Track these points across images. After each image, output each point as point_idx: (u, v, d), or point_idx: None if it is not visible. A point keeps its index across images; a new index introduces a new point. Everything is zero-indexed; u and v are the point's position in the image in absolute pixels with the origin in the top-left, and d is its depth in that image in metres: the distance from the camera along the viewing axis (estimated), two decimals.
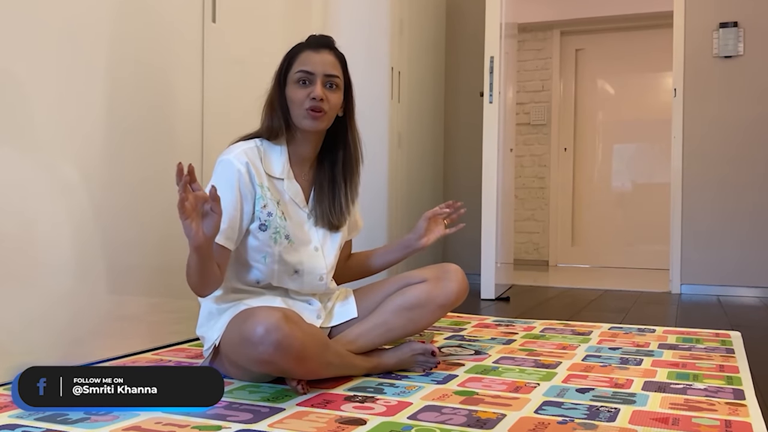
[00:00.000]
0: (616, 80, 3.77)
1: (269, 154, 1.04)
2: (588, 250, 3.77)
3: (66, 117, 1.09)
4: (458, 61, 2.92)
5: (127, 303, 1.22)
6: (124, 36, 1.20)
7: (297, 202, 1.06)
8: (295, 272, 1.04)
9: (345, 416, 0.85)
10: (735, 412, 0.90)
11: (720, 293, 2.52)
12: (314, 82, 1.01)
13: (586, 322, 1.74)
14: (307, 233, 1.06)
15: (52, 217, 1.07)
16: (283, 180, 1.04)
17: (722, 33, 2.56)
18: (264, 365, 0.91)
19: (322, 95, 1.01)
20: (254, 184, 1.00)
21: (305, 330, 0.92)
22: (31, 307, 1.04)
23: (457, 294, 1.11)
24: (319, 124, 1.02)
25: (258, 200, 1.01)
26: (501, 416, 0.86)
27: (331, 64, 1.03)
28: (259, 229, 1.01)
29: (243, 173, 0.99)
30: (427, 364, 1.11)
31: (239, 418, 0.83)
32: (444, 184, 2.95)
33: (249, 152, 1.01)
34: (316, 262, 1.06)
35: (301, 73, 1.02)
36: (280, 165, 1.04)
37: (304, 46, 1.05)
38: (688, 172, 2.59)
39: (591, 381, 1.07)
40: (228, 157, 1.01)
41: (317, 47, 1.04)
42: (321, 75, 1.02)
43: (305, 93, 1.01)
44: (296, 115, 1.03)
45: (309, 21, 1.83)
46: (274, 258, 1.02)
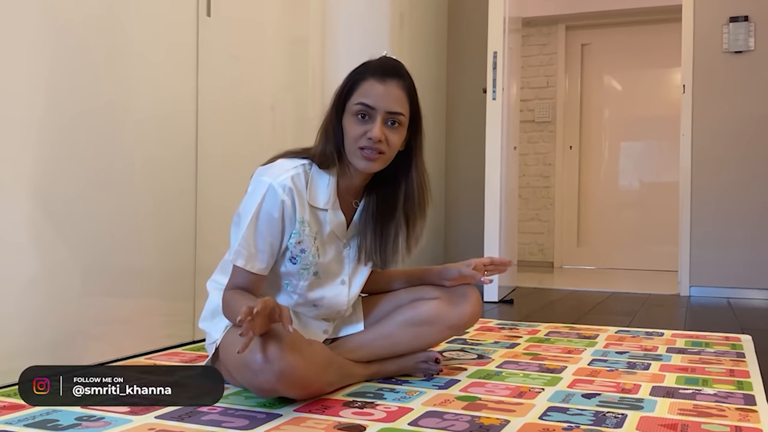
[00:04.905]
0: (623, 76, 3.73)
1: (316, 181, 0.96)
2: (594, 251, 3.73)
3: (54, 111, 1.08)
4: (460, 57, 2.89)
5: (119, 306, 1.21)
6: (117, 29, 1.19)
7: (337, 234, 1.00)
8: (314, 306, 1.01)
9: (344, 422, 0.83)
10: (746, 418, 0.89)
11: (730, 295, 2.48)
12: (374, 118, 0.92)
13: (592, 326, 1.71)
14: (339, 265, 1.01)
15: (46, 219, 1.06)
16: (327, 211, 0.97)
17: (732, 27, 2.51)
18: (264, 393, 0.88)
19: (381, 137, 0.91)
20: (295, 217, 0.94)
21: (307, 357, 0.87)
22: (20, 310, 1.02)
23: (470, 316, 1.07)
24: (373, 165, 0.93)
25: (294, 235, 0.95)
26: (504, 422, 0.84)
27: (396, 98, 0.93)
28: (289, 261, 0.97)
29: (288, 205, 0.92)
30: (429, 371, 1.09)
31: (235, 425, 0.82)
32: (446, 183, 2.93)
33: (296, 179, 0.93)
34: (339, 298, 1.01)
35: (360, 106, 0.92)
36: (326, 196, 0.96)
37: (369, 72, 0.94)
38: (697, 171, 2.55)
39: (597, 386, 1.06)
40: (273, 183, 0.92)
41: (383, 76, 0.93)
42: (383, 112, 0.92)
43: (363, 130, 0.92)
44: (350, 151, 0.94)
45: (306, 15, 1.81)
46: (296, 290, 0.99)
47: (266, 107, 1.62)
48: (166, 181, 1.32)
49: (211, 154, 1.43)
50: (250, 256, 0.93)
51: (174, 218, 1.34)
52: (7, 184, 1.00)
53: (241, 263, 0.93)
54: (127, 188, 1.22)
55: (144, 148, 1.25)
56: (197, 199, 1.39)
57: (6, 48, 0.99)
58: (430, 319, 1.05)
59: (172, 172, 1.33)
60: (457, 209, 2.87)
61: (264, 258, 0.94)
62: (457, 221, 2.87)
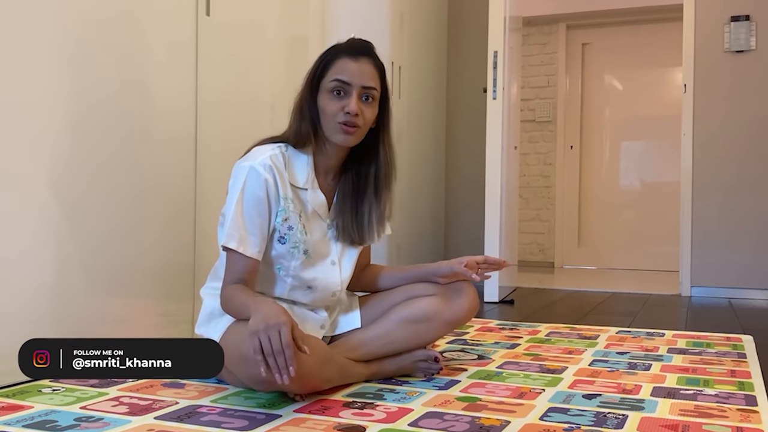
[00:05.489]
0: (624, 76, 3.72)
1: (294, 161, 0.99)
2: (595, 251, 3.72)
3: (53, 112, 1.07)
4: (461, 56, 2.88)
5: (118, 305, 1.20)
6: (117, 29, 1.18)
7: (320, 214, 1.02)
8: (309, 288, 1.02)
9: (344, 423, 0.83)
10: (747, 418, 0.88)
11: (731, 296, 2.47)
12: (350, 93, 0.95)
13: (593, 326, 1.71)
14: (326, 246, 1.03)
15: (41, 217, 1.05)
16: (307, 190, 1.00)
17: (734, 27, 2.50)
18: (263, 385, 0.89)
19: (358, 110, 0.95)
20: (279, 195, 0.96)
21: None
22: (18, 310, 1.02)
23: (467, 312, 1.07)
24: (351, 139, 0.97)
25: (280, 212, 0.97)
26: (505, 423, 0.84)
27: (370, 74, 0.97)
28: (278, 242, 0.98)
29: (270, 183, 0.95)
30: (429, 371, 1.08)
31: (234, 425, 0.82)
32: (446, 183, 2.92)
33: (275, 159, 0.96)
34: (332, 278, 1.03)
35: (336, 83, 0.95)
36: (305, 174, 0.99)
37: (342, 51, 0.98)
38: (699, 171, 2.55)
39: (598, 387, 1.05)
40: (253, 164, 0.94)
41: (356, 54, 0.97)
42: (358, 87, 0.95)
43: (339, 105, 0.95)
44: (327, 128, 0.97)
45: (306, 14, 1.81)
46: (288, 272, 1.00)
47: (266, 106, 1.62)
48: (165, 181, 1.32)
49: (211, 153, 1.42)
50: (242, 239, 0.94)
51: (173, 218, 1.33)
52: (7, 186, 1.00)
53: (234, 245, 0.94)
54: (126, 188, 1.21)
55: (143, 147, 1.25)
56: (196, 198, 1.39)
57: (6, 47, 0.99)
58: (428, 316, 1.05)
59: (171, 171, 1.33)
60: (458, 209, 2.87)
61: (256, 241, 0.95)
62: (457, 221, 2.86)
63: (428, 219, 2.70)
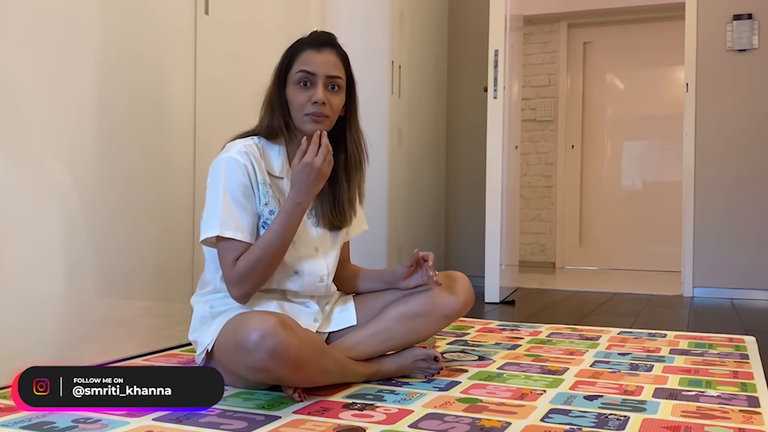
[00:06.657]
0: (625, 74, 3.71)
1: (268, 152, 1.02)
2: (596, 251, 3.71)
3: (54, 113, 1.07)
4: (461, 55, 2.87)
5: (116, 307, 1.20)
6: (115, 28, 1.18)
7: None
8: (295, 273, 1.03)
9: (343, 424, 0.83)
10: (749, 420, 0.88)
11: (734, 296, 2.46)
12: (316, 83, 0.99)
13: (595, 327, 1.70)
14: (307, 233, 1.04)
15: (40, 218, 1.05)
16: (283, 179, 1.03)
17: (736, 25, 2.49)
18: (259, 373, 0.89)
19: (324, 99, 0.98)
20: (258, 180, 0.99)
21: (301, 336, 0.90)
22: (18, 311, 1.01)
23: (463, 304, 1.08)
24: (321, 128, 0.99)
25: (262, 197, 0.99)
26: (506, 424, 0.84)
27: (334, 64, 1.01)
28: (261, 227, 0.99)
29: (250, 169, 0.98)
30: (429, 371, 1.08)
31: (233, 427, 0.81)
32: (446, 183, 2.91)
33: (249, 149, 0.99)
34: (316, 263, 1.05)
35: (302, 74, 0.99)
36: (279, 164, 1.02)
37: (305, 44, 1.02)
38: (701, 170, 2.54)
39: (599, 388, 1.05)
40: (230, 155, 0.98)
41: (319, 46, 1.01)
42: (323, 76, 0.99)
43: (306, 96, 0.99)
44: (297, 118, 1.01)
45: (306, 12, 1.80)
46: None
47: None
48: (163, 182, 1.31)
49: (210, 153, 1.40)
50: (237, 226, 0.96)
51: (172, 219, 1.33)
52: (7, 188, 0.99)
53: (231, 233, 0.95)
54: (125, 189, 1.21)
55: (141, 146, 1.25)
56: (195, 199, 1.38)
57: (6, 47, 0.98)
58: (424, 311, 1.06)
59: (169, 171, 1.32)
60: (458, 209, 2.86)
61: (249, 226, 0.97)
62: (457, 221, 2.85)
63: (428, 219, 2.69)
